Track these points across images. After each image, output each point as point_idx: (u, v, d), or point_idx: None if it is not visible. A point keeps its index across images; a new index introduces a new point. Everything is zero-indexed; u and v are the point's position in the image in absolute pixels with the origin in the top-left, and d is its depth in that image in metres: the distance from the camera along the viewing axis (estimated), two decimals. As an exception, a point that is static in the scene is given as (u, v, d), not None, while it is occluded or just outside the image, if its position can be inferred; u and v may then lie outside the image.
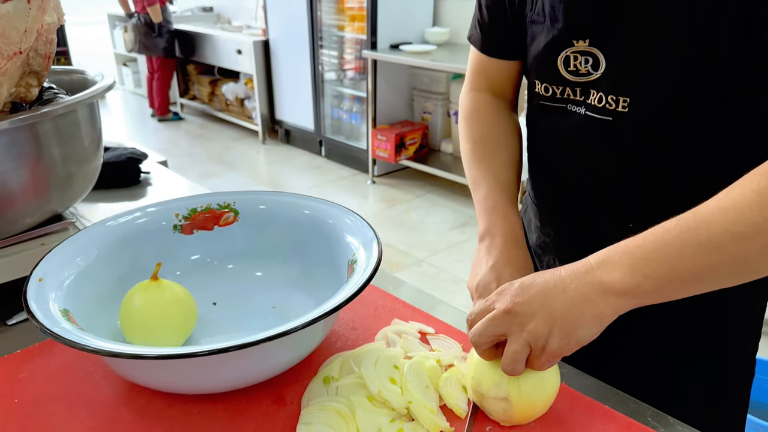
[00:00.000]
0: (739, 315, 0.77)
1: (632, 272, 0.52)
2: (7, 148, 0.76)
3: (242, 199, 0.82)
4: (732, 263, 0.52)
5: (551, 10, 0.69)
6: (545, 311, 0.53)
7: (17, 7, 0.68)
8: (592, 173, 0.74)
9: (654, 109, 0.65)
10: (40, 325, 0.55)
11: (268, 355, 0.59)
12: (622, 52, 0.65)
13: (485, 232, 0.71)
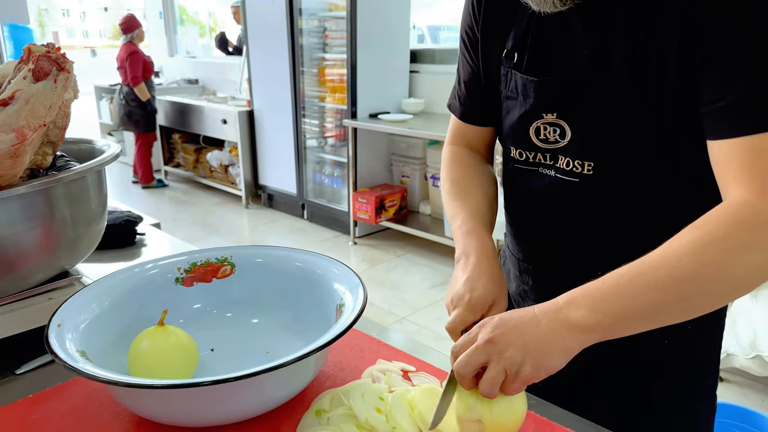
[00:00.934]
0: (698, 353, 0.86)
1: (593, 311, 0.62)
2: (23, 210, 0.84)
3: (239, 254, 0.90)
4: (675, 303, 0.63)
5: (524, 88, 0.81)
6: (520, 342, 0.61)
7: (46, 86, 0.78)
8: (562, 227, 0.84)
9: (616, 172, 0.76)
10: (63, 363, 0.62)
11: (263, 389, 0.65)
12: (584, 124, 0.77)
13: (461, 253, 0.80)
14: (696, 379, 0.87)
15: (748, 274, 0.63)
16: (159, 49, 6.28)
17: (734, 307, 2.16)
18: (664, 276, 0.62)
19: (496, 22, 0.84)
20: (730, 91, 0.64)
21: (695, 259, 0.61)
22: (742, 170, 0.64)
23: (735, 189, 0.65)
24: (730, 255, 0.61)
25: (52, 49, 0.81)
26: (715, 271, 0.62)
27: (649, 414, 0.85)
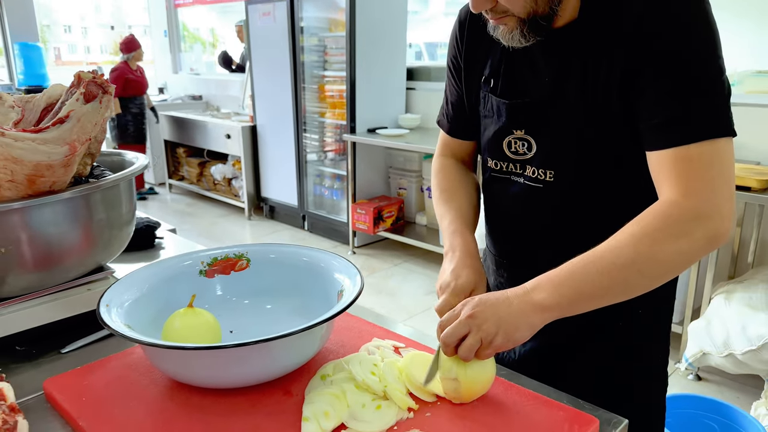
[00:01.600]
0: (650, 325, 1.01)
1: (553, 293, 0.77)
2: (67, 213, 0.98)
3: (253, 250, 1.04)
4: (618, 285, 0.78)
5: (498, 109, 0.97)
6: (495, 318, 0.76)
7: (93, 106, 0.93)
8: (531, 225, 0.99)
9: (571, 178, 0.92)
10: (115, 331, 0.76)
11: (277, 355, 0.79)
12: (547, 139, 0.92)
13: (448, 248, 0.96)
14: (654, 342, 1.01)
15: (676, 260, 0.78)
16: (163, 66, 6.46)
17: (709, 309, 2.30)
18: (609, 263, 0.77)
19: (475, 53, 1.00)
20: (660, 114, 0.80)
21: (633, 248, 0.77)
22: (671, 175, 0.79)
23: (666, 190, 0.80)
24: (661, 244, 0.76)
25: (97, 76, 0.96)
26: (650, 257, 0.77)
27: (611, 382, 0.99)
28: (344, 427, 0.73)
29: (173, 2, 6.17)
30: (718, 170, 0.77)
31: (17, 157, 0.86)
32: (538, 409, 0.78)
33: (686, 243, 0.76)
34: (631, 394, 0.98)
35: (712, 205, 0.76)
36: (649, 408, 1.01)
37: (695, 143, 0.77)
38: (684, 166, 0.78)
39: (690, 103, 0.78)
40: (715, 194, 0.77)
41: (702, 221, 0.76)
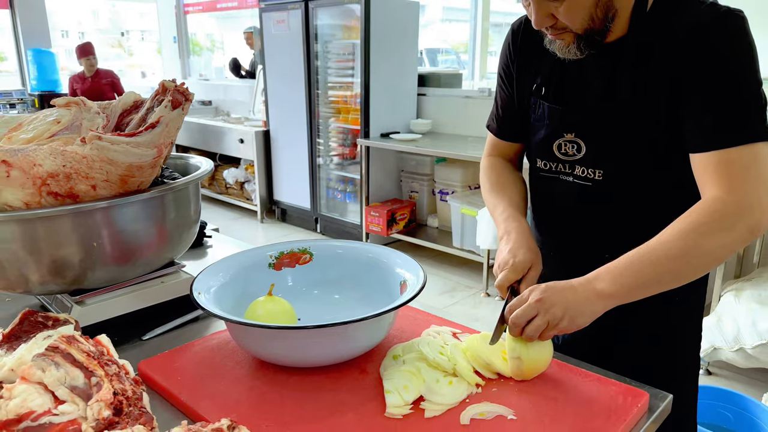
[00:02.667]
0: (685, 312, 1.10)
1: (613, 283, 0.87)
2: (147, 211, 1.06)
3: (315, 245, 1.13)
4: (670, 274, 0.89)
5: (550, 114, 1.06)
6: (562, 303, 0.86)
7: (179, 112, 1.02)
8: (578, 220, 1.08)
9: (620, 177, 1.01)
10: (210, 313, 0.84)
11: (352, 337, 0.87)
12: (596, 141, 1.01)
13: (504, 232, 1.05)
14: (690, 326, 1.11)
15: (721, 250, 0.88)
16: (173, 72, 6.55)
17: (719, 306, 2.39)
18: (662, 256, 0.87)
19: (528, 63, 1.10)
20: (705, 121, 0.90)
21: (683, 242, 0.87)
22: (714, 175, 0.90)
23: (709, 189, 0.90)
24: (707, 237, 0.87)
25: (178, 85, 1.05)
26: (698, 249, 0.87)
27: (650, 363, 1.07)
28: (422, 399, 0.82)
29: (182, 9, 6.27)
30: (756, 170, 0.87)
31: (113, 159, 0.95)
32: (593, 384, 0.87)
33: (730, 236, 0.87)
34: (670, 374, 1.07)
35: (752, 201, 0.86)
36: (684, 386, 1.10)
37: (736, 147, 0.87)
38: (726, 167, 0.88)
39: (731, 112, 0.88)
40: (754, 191, 0.86)
41: (743, 215, 0.86)
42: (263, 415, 0.80)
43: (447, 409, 0.80)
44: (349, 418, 0.79)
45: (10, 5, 5.68)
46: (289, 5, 4.24)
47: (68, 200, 0.96)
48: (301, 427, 0.78)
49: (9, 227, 0.95)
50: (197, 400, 0.83)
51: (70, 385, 0.69)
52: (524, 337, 0.86)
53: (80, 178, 0.95)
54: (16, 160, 0.93)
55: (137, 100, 1.17)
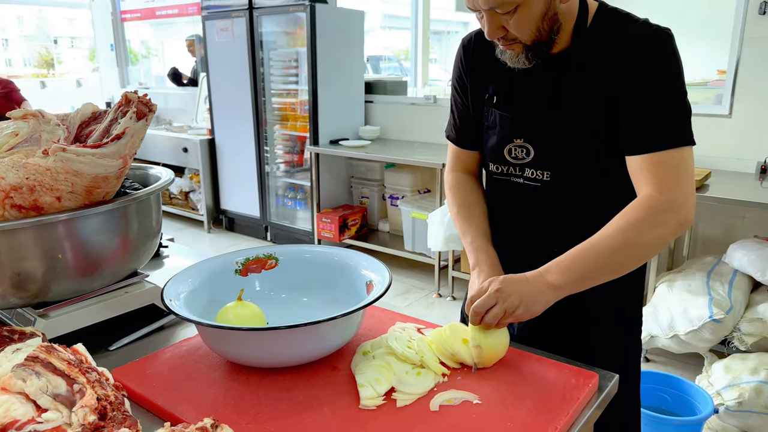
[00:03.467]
0: (627, 297, 1.20)
1: (562, 275, 0.97)
2: (110, 222, 1.06)
3: (281, 251, 1.16)
4: (612, 265, 0.99)
5: (501, 122, 1.14)
6: (518, 293, 0.94)
7: (143, 123, 1.03)
8: (529, 218, 1.17)
9: (565, 178, 1.10)
10: (186, 319, 0.86)
11: (324, 336, 0.91)
12: (544, 146, 1.10)
13: (475, 263, 1.13)
14: (631, 313, 1.22)
15: (656, 242, 0.99)
16: (111, 80, 6.36)
17: (654, 296, 2.56)
18: (603, 249, 0.97)
19: (480, 74, 1.17)
20: (639, 127, 1.00)
21: (623, 236, 0.97)
22: (648, 175, 1.00)
23: (644, 188, 1.00)
24: (643, 232, 0.97)
25: (141, 96, 1.06)
26: (636, 242, 0.97)
27: (595, 348, 1.16)
28: (393, 390, 0.87)
29: (119, 16, 6.10)
30: (684, 171, 0.98)
31: (78, 171, 0.96)
32: (548, 369, 0.94)
33: (663, 229, 0.98)
34: (616, 357, 1.16)
35: (680, 198, 0.97)
36: (629, 368, 1.21)
37: (667, 150, 0.98)
38: (658, 168, 0.99)
39: (662, 120, 0.99)
40: (683, 189, 0.98)
41: (674, 211, 0.97)
42: (242, 414, 0.83)
43: (417, 398, 0.86)
44: (324, 412, 0.83)
45: (-70, 11, 5.36)
46: (233, 13, 4.22)
47: (32, 212, 0.96)
48: (280, 422, 0.81)
49: (-33, 241, 0.94)
50: (174, 404, 0.85)
51: (52, 393, 0.71)
52: (483, 325, 0.92)
53: (45, 190, 0.95)
54: (-24, 174, 0.92)
55: (95, 111, 1.16)
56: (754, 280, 2.47)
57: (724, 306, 2.28)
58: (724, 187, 2.58)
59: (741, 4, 2.76)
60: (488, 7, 0.97)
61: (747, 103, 2.85)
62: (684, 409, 2.02)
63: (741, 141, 2.88)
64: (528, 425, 0.80)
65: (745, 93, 2.84)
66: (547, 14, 0.99)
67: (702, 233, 3.06)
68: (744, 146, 2.87)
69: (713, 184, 2.62)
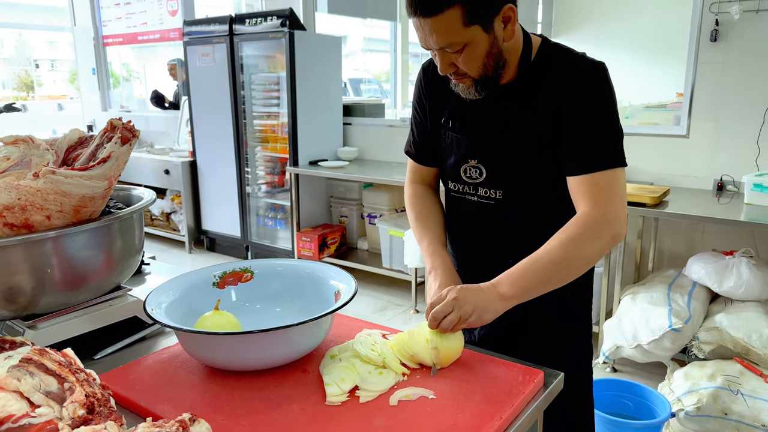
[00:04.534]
0: (574, 307, 1.31)
1: (511, 287, 1.07)
2: (95, 239, 1.14)
3: (257, 264, 1.25)
4: (555, 276, 1.10)
5: (456, 144, 1.25)
6: (472, 302, 1.03)
7: (127, 148, 1.12)
8: (483, 233, 1.27)
9: (515, 196, 1.21)
10: (168, 326, 0.95)
11: (294, 340, 1.00)
12: (495, 167, 1.21)
13: (431, 268, 1.22)
14: (580, 319, 1.33)
15: (593, 255, 1.11)
16: (92, 104, 6.41)
17: (619, 309, 2.68)
18: (546, 263, 1.08)
19: (437, 97, 1.29)
20: (576, 151, 1.12)
21: (562, 250, 1.08)
22: (585, 194, 1.12)
23: (581, 205, 1.12)
24: (580, 245, 1.09)
25: (125, 123, 1.15)
26: (575, 255, 1.09)
27: (548, 352, 1.26)
28: (357, 388, 0.96)
29: (102, 41, 6.19)
30: (616, 190, 1.11)
31: (67, 191, 1.04)
32: (498, 368, 1.04)
33: (598, 243, 1.10)
34: (565, 361, 1.26)
35: (612, 214, 1.10)
36: (580, 368, 1.31)
37: (600, 171, 1.10)
38: (593, 187, 1.11)
39: (596, 144, 1.12)
40: (614, 206, 1.10)
41: (607, 225, 1.09)
42: (217, 411, 0.91)
43: (378, 395, 0.95)
44: (293, 408, 0.92)
45: None
46: (214, 39, 4.33)
47: (24, 230, 1.04)
48: (252, 418, 0.89)
49: (-38, 258, 1.01)
50: (156, 404, 0.93)
51: (45, 390, 0.78)
52: (440, 329, 1.02)
53: (35, 210, 1.03)
54: (-28, 195, 1.00)
55: (81, 137, 1.25)
56: (712, 291, 2.60)
57: (683, 316, 2.40)
58: (683, 203, 2.73)
59: (694, 32, 2.95)
60: (438, 47, 1.08)
61: (703, 124, 3.02)
62: (645, 415, 2.13)
63: (698, 160, 3.04)
64: (476, 415, 0.89)
65: (702, 114, 3.01)
66: (492, 52, 1.09)
67: (666, 248, 3.20)
68: (701, 165, 3.03)
69: (672, 200, 2.76)
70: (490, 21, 1.07)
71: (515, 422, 0.92)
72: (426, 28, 1.06)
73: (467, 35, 1.05)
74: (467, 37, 1.06)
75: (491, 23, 1.07)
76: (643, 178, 3.17)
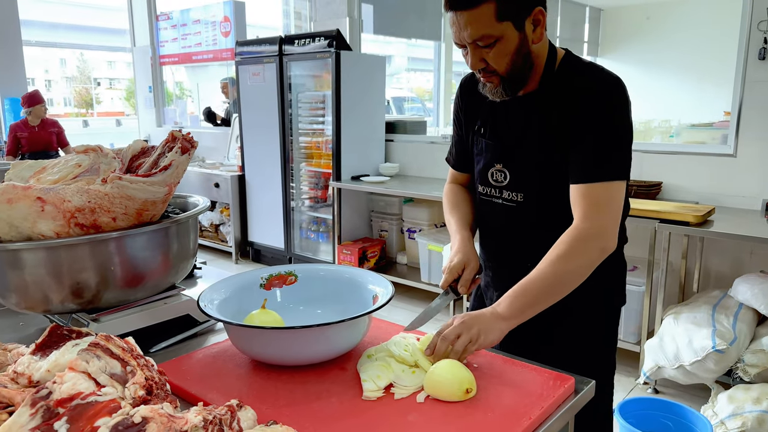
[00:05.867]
0: (600, 309, 1.34)
1: (510, 307, 1.12)
2: (153, 241, 1.24)
3: (300, 269, 1.32)
4: (548, 294, 1.15)
5: (485, 149, 1.32)
6: (478, 325, 1.08)
7: (186, 157, 1.22)
8: (507, 234, 1.33)
9: (536, 200, 1.26)
10: (219, 320, 1.03)
11: (333, 338, 1.06)
12: (517, 171, 1.27)
13: (452, 243, 1.31)
14: (601, 324, 1.36)
15: (581, 269, 1.16)
16: (147, 120, 6.74)
17: (661, 328, 2.64)
18: (539, 283, 1.14)
19: (471, 109, 1.38)
20: (578, 161, 1.18)
21: (552, 269, 1.14)
22: (579, 204, 1.18)
23: (575, 217, 1.18)
24: (569, 262, 1.14)
25: (185, 134, 1.25)
26: (564, 272, 1.14)
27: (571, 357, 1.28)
28: (392, 385, 1.01)
29: (158, 60, 6.51)
30: (608, 203, 1.16)
31: (131, 196, 1.14)
32: (528, 372, 1.07)
33: (586, 257, 1.15)
34: (586, 365, 1.27)
35: (601, 226, 1.15)
36: (602, 375, 1.31)
37: (596, 182, 1.16)
38: (586, 198, 1.17)
39: (597, 156, 1.17)
40: (604, 219, 1.15)
41: (595, 238, 1.15)
42: (262, 401, 0.98)
43: (413, 392, 1.00)
44: (332, 401, 0.98)
45: (-13, 56, 5.82)
46: (264, 59, 4.51)
47: (92, 230, 1.14)
48: (294, 408, 0.96)
49: (38, 254, 1.12)
50: (206, 393, 1.01)
51: (109, 372, 0.87)
52: (452, 353, 1.05)
53: (103, 212, 1.14)
54: (49, 197, 1.11)
55: (144, 147, 1.36)
56: (760, 313, 2.53)
57: (727, 337, 2.35)
58: (729, 223, 2.67)
59: (742, 50, 2.91)
60: (471, 41, 1.15)
61: (751, 143, 2.96)
62: (686, 436, 2.08)
63: (746, 179, 2.98)
64: (506, 415, 0.93)
65: (750, 133, 2.95)
66: (521, 50, 1.16)
67: (712, 268, 3.13)
68: (749, 184, 2.97)
69: (718, 220, 2.71)
70: (521, 19, 1.14)
71: (544, 424, 0.95)
72: (461, 21, 1.13)
73: (499, 30, 1.13)
74: (499, 31, 1.13)
75: (522, 22, 1.14)
76: (688, 197, 3.12)
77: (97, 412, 0.79)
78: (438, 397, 0.98)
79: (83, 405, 0.82)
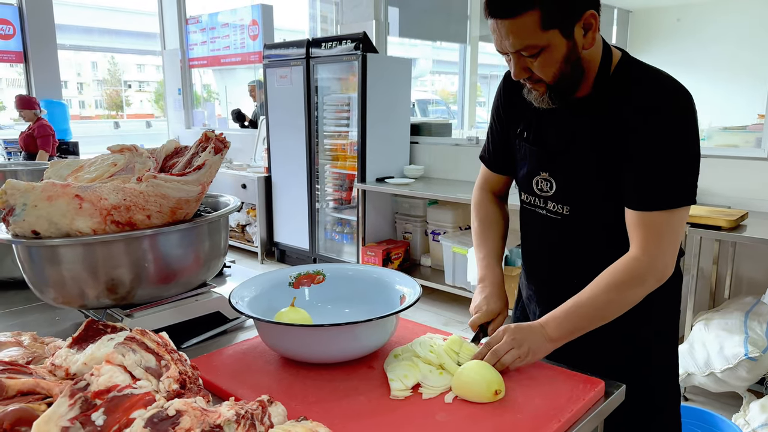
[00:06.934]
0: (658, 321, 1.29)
1: (558, 328, 1.10)
2: (186, 239, 1.26)
3: (328, 268, 1.33)
4: (597, 319, 1.12)
5: (529, 155, 1.25)
6: (528, 342, 1.07)
7: (219, 157, 1.24)
8: (550, 249, 1.28)
9: (583, 213, 1.20)
10: (249, 316, 1.04)
11: (360, 336, 1.06)
12: (564, 181, 1.20)
13: (482, 278, 1.27)
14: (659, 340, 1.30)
15: (635, 298, 1.11)
16: (177, 121, 6.86)
17: (691, 334, 2.58)
18: (591, 307, 1.11)
19: (514, 108, 1.28)
20: (639, 182, 1.09)
21: (607, 296, 1.10)
22: (637, 232, 1.11)
23: (632, 244, 1.11)
24: (625, 291, 1.10)
25: (218, 135, 1.27)
26: (618, 301, 1.11)
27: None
28: (419, 385, 1.02)
29: (188, 64, 6.63)
30: (668, 233, 1.09)
31: (165, 194, 1.17)
32: (558, 375, 1.06)
33: (642, 289, 1.11)
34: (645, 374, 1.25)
35: (659, 261, 1.09)
36: (660, 384, 1.28)
37: (657, 212, 1.07)
38: (646, 229, 1.09)
39: (657, 182, 1.07)
40: (664, 251, 1.09)
41: (653, 271, 1.09)
42: (291, 397, 0.99)
43: (441, 392, 1.00)
44: (360, 399, 0.99)
45: (24, 59, 6.01)
46: (291, 62, 4.56)
47: (127, 227, 1.17)
48: (322, 405, 0.97)
49: (75, 250, 1.15)
50: (236, 388, 1.03)
51: (144, 366, 0.89)
52: (499, 365, 1.04)
53: (138, 210, 1.16)
54: (87, 195, 1.14)
55: (177, 147, 1.39)
56: (795, 321, 2.46)
57: (760, 345, 2.30)
58: (763, 228, 2.61)
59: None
60: (514, 50, 1.05)
61: (787, 147, 2.88)
62: (717, 445, 2.04)
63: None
64: (535, 417, 0.92)
65: (785, 136, 2.88)
66: (569, 58, 1.06)
67: (744, 274, 3.05)
68: (784, 188, 2.90)
69: (751, 224, 2.65)
70: (570, 26, 1.03)
71: (574, 427, 0.94)
72: (502, 30, 1.03)
73: (544, 39, 1.02)
74: (544, 40, 1.03)
75: (571, 28, 1.04)
76: (719, 202, 3.05)
77: (133, 404, 0.81)
78: (466, 398, 0.98)
79: (119, 397, 0.85)
